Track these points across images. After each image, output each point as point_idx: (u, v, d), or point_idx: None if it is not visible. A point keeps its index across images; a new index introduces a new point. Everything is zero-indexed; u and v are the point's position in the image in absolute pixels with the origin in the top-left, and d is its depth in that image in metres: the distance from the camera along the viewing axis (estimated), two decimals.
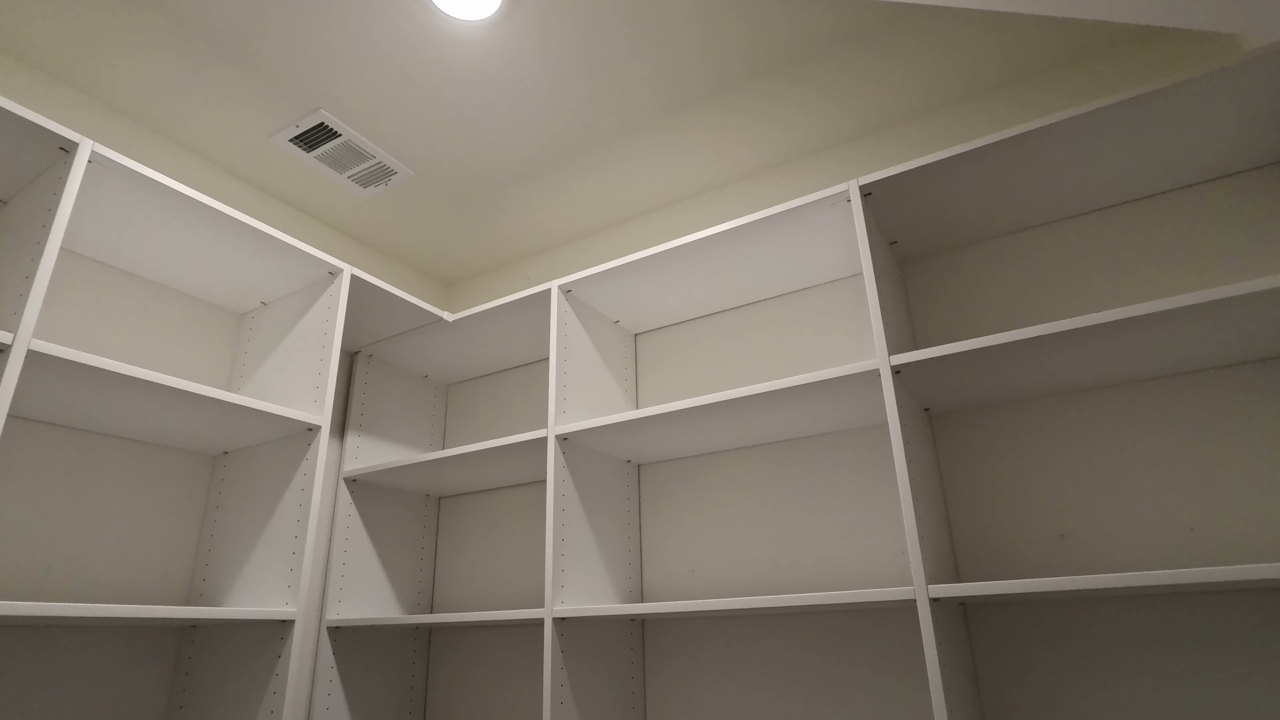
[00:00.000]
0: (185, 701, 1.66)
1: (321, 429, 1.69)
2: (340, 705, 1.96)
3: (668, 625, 1.87)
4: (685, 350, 2.12)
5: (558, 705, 1.56)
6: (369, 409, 2.28)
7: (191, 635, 1.72)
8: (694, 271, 1.87)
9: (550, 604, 1.62)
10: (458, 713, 2.11)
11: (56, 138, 1.35)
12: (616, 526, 1.91)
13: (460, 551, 2.30)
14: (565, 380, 1.86)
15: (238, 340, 2.03)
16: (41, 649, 1.51)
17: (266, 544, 1.67)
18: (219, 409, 1.55)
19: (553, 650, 1.59)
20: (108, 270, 1.79)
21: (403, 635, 2.18)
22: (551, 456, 1.75)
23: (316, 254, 1.79)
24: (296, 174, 2.17)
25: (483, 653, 2.13)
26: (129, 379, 1.38)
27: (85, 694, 1.55)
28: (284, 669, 1.51)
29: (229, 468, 1.86)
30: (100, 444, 1.68)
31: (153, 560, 1.72)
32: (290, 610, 1.54)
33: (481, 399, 2.49)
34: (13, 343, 1.22)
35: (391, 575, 2.19)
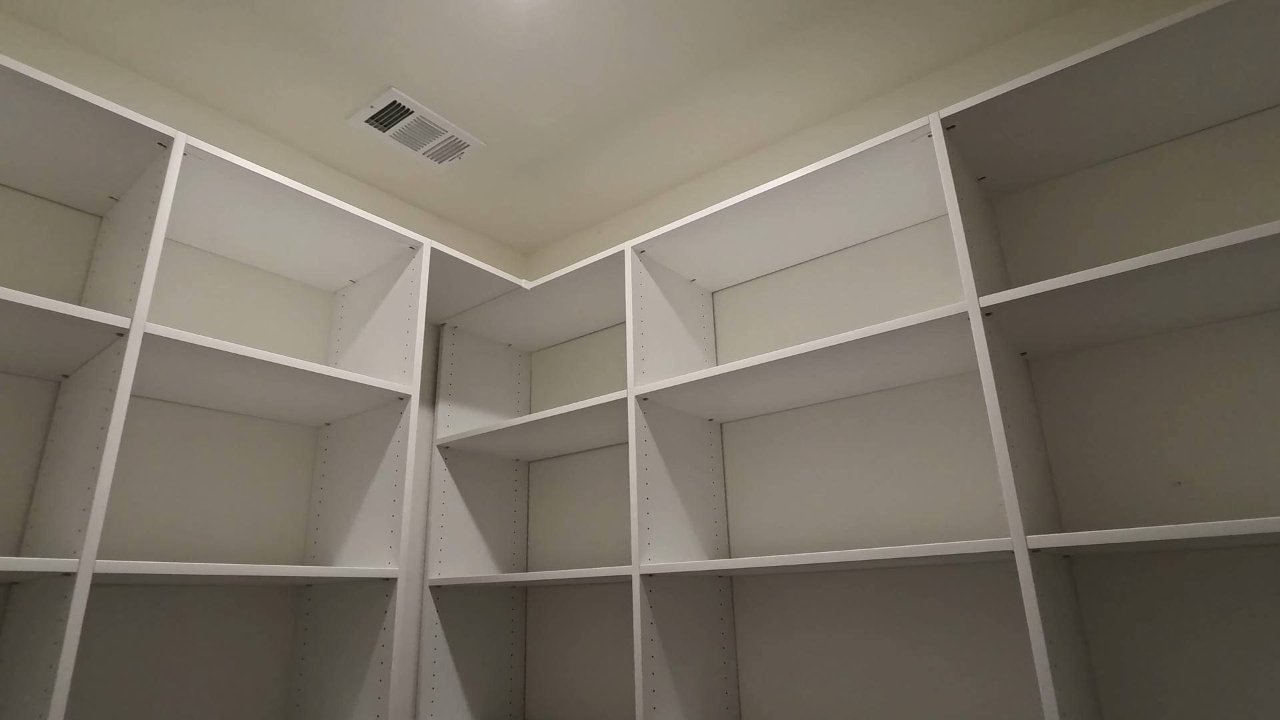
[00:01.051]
0: (305, 654, 1.80)
1: (412, 398, 1.76)
2: (445, 659, 2.07)
3: (756, 581, 1.87)
4: (764, 305, 2.08)
5: (648, 659, 1.60)
6: (457, 378, 2.36)
7: (307, 594, 1.85)
8: (769, 223, 1.82)
9: (637, 561, 1.65)
10: (556, 667, 2.19)
11: (154, 133, 1.44)
12: (700, 484, 1.92)
13: (550, 513, 2.37)
14: (643, 341, 1.86)
15: (331, 317, 2.14)
16: (177, 606, 1.66)
17: (369, 508, 1.76)
18: (317, 382, 1.64)
19: (641, 606, 1.62)
20: (209, 257, 1.91)
21: (500, 593, 2.27)
22: (632, 417, 1.76)
23: (397, 229, 1.85)
24: (375, 154, 2.24)
25: (577, 609, 2.20)
26: (238, 357, 1.47)
27: (218, 647, 1.70)
28: (390, 624, 1.60)
29: (331, 437, 1.97)
30: (215, 419, 1.81)
31: (268, 524, 1.86)
32: (393, 569, 1.63)
33: (564, 364, 2.53)
34: (130, 327, 1.33)
35: (487, 536, 2.28)
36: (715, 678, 1.77)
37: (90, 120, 1.40)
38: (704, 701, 1.72)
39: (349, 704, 1.64)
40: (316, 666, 1.76)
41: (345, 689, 1.66)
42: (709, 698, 1.73)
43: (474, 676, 2.13)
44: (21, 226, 1.61)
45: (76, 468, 1.33)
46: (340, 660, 1.70)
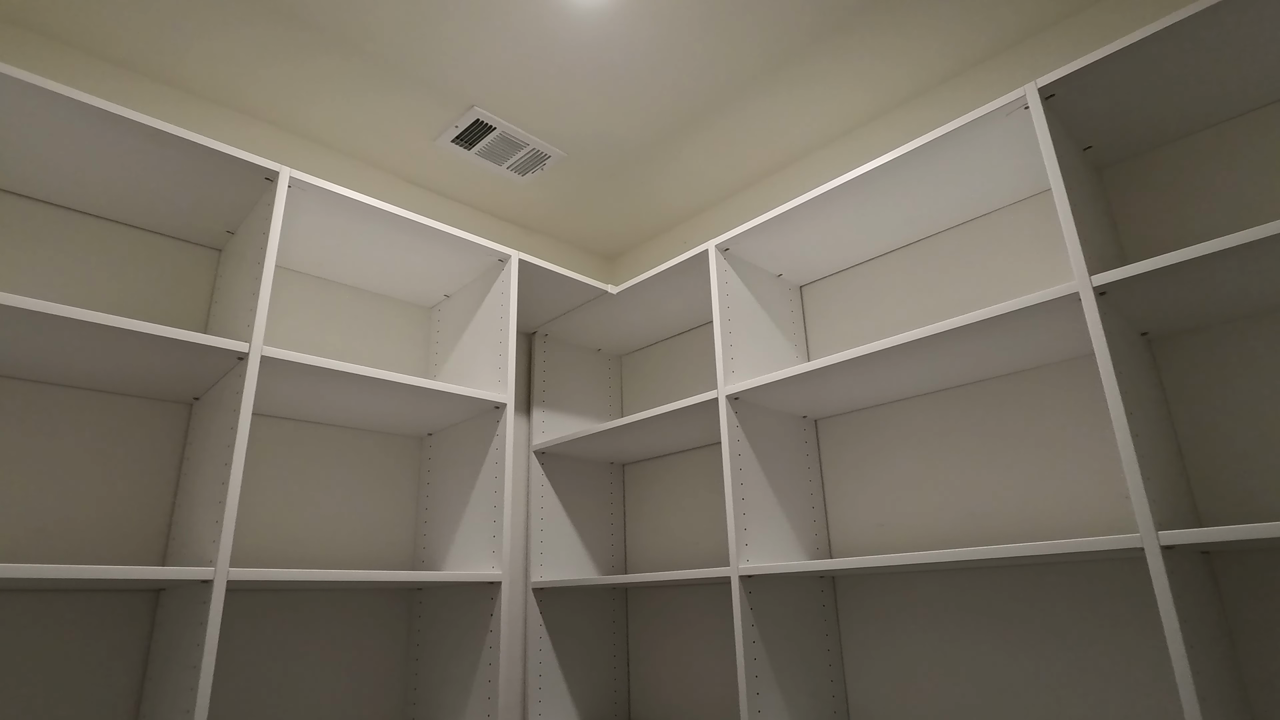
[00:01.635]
0: (419, 654, 1.88)
1: (507, 406, 1.81)
2: (551, 660, 2.12)
3: (861, 582, 1.82)
4: (855, 297, 2.01)
5: (751, 660, 1.58)
6: (550, 385, 2.41)
7: (419, 597, 1.94)
8: (857, 212, 1.77)
9: (735, 563, 1.63)
10: (659, 667, 2.20)
11: (261, 169, 1.54)
12: (797, 483, 1.88)
13: (647, 514, 2.38)
14: (731, 340, 1.84)
15: (429, 331, 2.23)
16: (303, 610, 1.77)
17: (471, 513, 1.83)
18: (418, 394, 1.71)
19: (742, 608, 1.60)
20: (316, 281, 2.03)
21: (601, 595, 2.31)
22: (724, 417, 1.74)
23: (486, 244, 1.90)
24: (462, 171, 2.32)
25: (677, 609, 2.20)
26: (346, 374, 1.56)
27: (340, 648, 1.80)
28: (496, 626, 1.65)
29: (434, 447, 2.05)
30: (328, 434, 1.92)
31: (381, 531, 1.95)
32: (496, 573, 1.68)
33: (654, 366, 2.54)
34: (249, 351, 1.42)
35: (585, 539, 2.32)
36: (821, 681, 1.73)
37: (204, 161, 1.51)
38: (810, 705, 1.68)
39: (461, 703, 1.70)
40: (430, 667, 1.84)
41: (457, 689, 1.72)
42: (815, 701, 1.70)
43: (579, 677, 2.17)
44: (152, 263, 1.76)
45: (209, 483, 1.44)
46: (452, 661, 1.76)
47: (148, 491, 1.62)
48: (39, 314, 1.21)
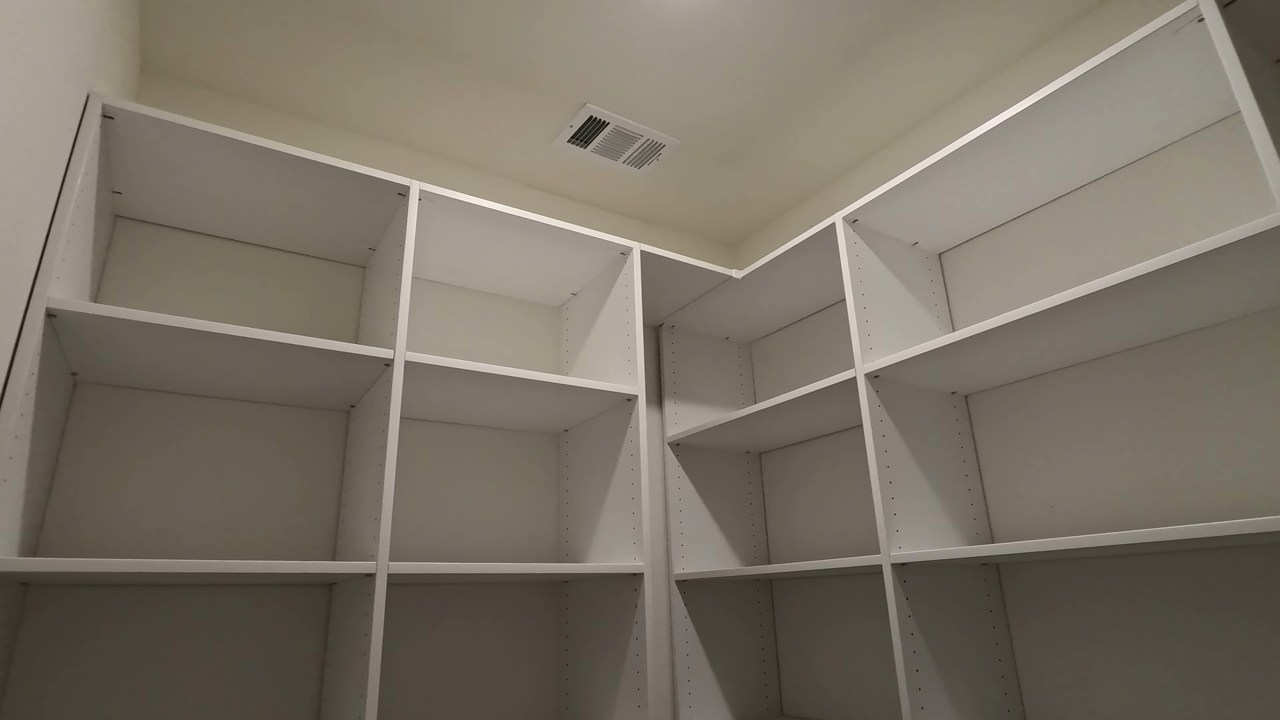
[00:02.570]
0: (569, 645, 1.92)
1: (638, 398, 1.81)
2: (698, 652, 2.10)
3: (1029, 568, 1.66)
4: (1002, 260, 1.85)
5: (910, 653, 1.48)
6: (680, 376, 2.40)
7: (565, 589, 1.98)
8: (1000, 166, 1.62)
9: (886, 550, 1.54)
10: (810, 660, 2.13)
11: (393, 185, 1.63)
12: (949, 464, 1.75)
13: (788, 503, 2.31)
14: (866, 316, 1.74)
15: (559, 329, 2.27)
16: (459, 604, 1.85)
17: (611, 507, 1.84)
18: (550, 391, 1.74)
19: (896, 597, 1.51)
20: (451, 289, 2.12)
21: (745, 586, 2.26)
22: (864, 396, 1.65)
23: (608, 238, 1.91)
24: (580, 170, 2.35)
25: (826, 601, 2.11)
26: (483, 375, 1.61)
27: (494, 638, 1.87)
28: (641, 617, 1.65)
29: (571, 443, 2.09)
30: (471, 434, 2.01)
31: (525, 526, 2.02)
32: (638, 565, 1.68)
33: (785, 351, 2.46)
34: (394, 357, 1.50)
35: (726, 530, 2.28)
36: (989, 676, 1.60)
37: (343, 182, 1.61)
38: (980, 701, 1.55)
39: (611, 694, 1.72)
40: (579, 658, 1.87)
41: (607, 680, 1.74)
42: (985, 697, 1.57)
43: (727, 670, 2.14)
44: (307, 284, 1.90)
45: (367, 484, 1.53)
46: (600, 653, 1.78)
47: (317, 494, 1.75)
48: (220, 335, 1.33)
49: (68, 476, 1.51)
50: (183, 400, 1.66)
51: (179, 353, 1.42)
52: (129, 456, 1.58)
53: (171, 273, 1.74)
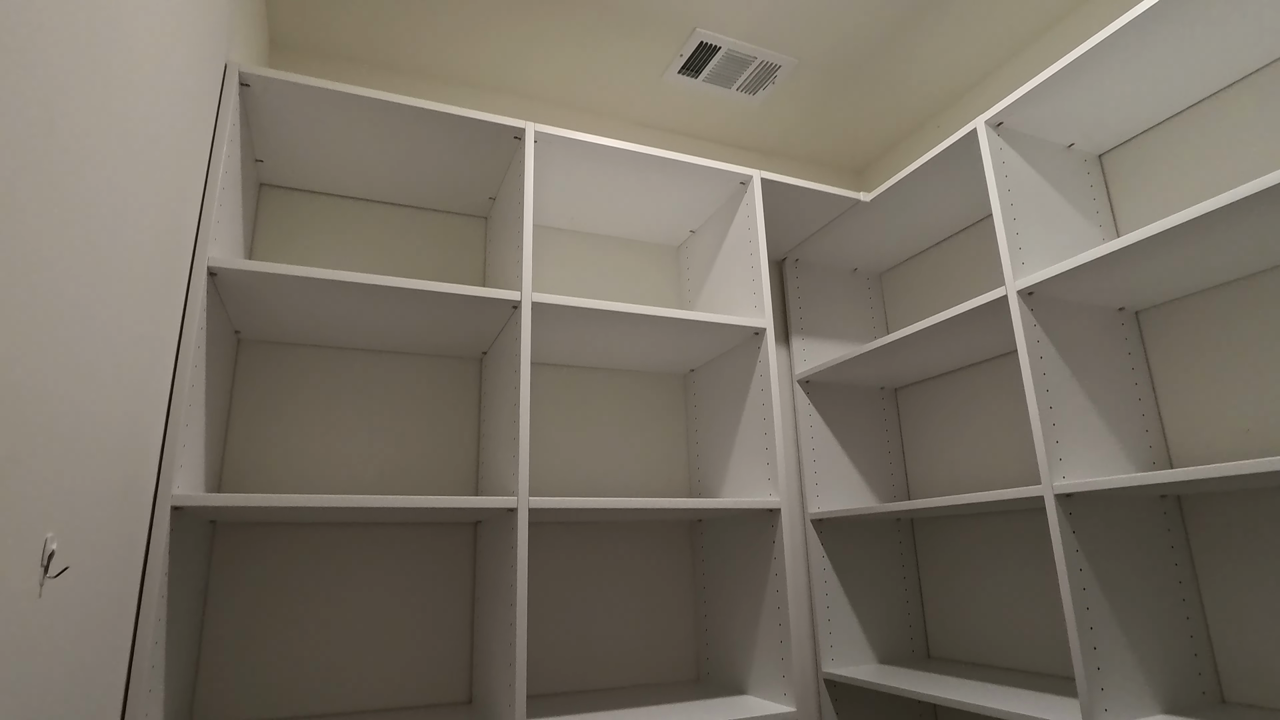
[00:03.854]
0: (707, 585, 1.92)
1: (766, 330, 1.75)
2: (837, 592, 2.05)
3: (1218, 502, 1.48)
4: (1175, 159, 1.62)
5: (1079, 591, 1.36)
6: (806, 312, 2.30)
7: (700, 529, 1.97)
8: (1166, 49, 1.40)
9: (1049, 480, 1.41)
10: (958, 602, 2.02)
11: (509, 128, 1.63)
12: (1118, 388, 1.58)
13: (927, 441, 2.18)
14: (1017, 228, 1.58)
15: (679, 270, 2.23)
16: (597, 543, 1.89)
17: (741, 446, 1.80)
18: (676, 328, 1.71)
19: (1062, 531, 1.38)
20: (570, 235, 2.12)
21: (884, 527, 2.17)
22: (1017, 316, 1.51)
23: (726, 167, 1.84)
24: (693, 103, 2.26)
25: (973, 540, 1.99)
26: (608, 313, 1.60)
27: (633, 576, 1.90)
28: (779, 554, 1.62)
29: (698, 382, 2.06)
30: (599, 377, 2.02)
31: (657, 467, 2.02)
32: (774, 500, 1.64)
33: (919, 279, 2.31)
34: (521, 299, 1.52)
35: (861, 469, 2.19)
36: (1172, 619, 1.45)
37: (462, 130, 1.62)
38: (1163, 647, 1.41)
39: (751, 635, 1.70)
40: (716, 598, 1.87)
41: (746, 621, 1.73)
42: (1170, 643, 1.43)
43: (869, 611, 2.08)
44: (434, 238, 1.96)
45: (504, 425, 1.57)
46: (738, 593, 1.77)
47: (458, 439, 1.83)
48: (363, 285, 1.39)
49: (239, 428, 1.65)
50: (334, 354, 1.76)
51: (327, 305, 1.49)
52: (290, 408, 1.70)
53: (312, 234, 1.83)
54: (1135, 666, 1.37)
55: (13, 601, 0.71)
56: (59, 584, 0.82)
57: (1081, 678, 1.31)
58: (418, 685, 1.66)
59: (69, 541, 0.84)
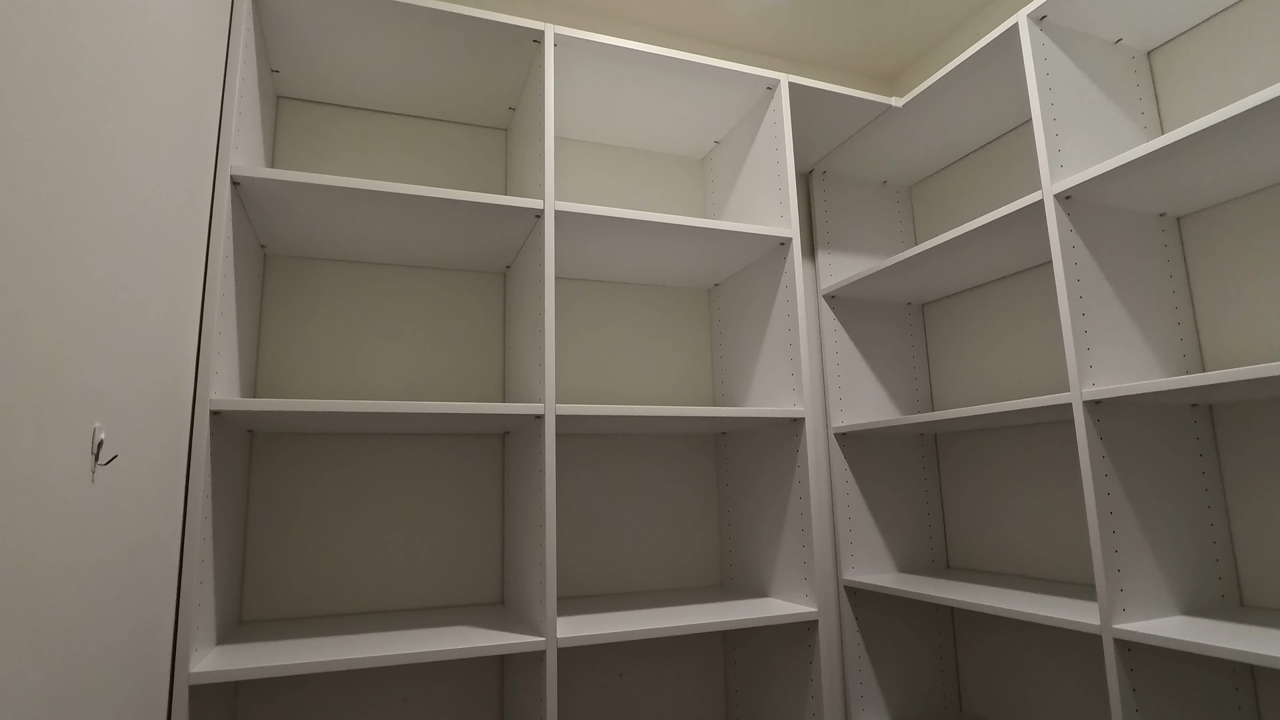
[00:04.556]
0: (730, 496, 1.95)
1: (793, 240, 1.72)
2: (859, 504, 2.08)
3: (1250, 412, 1.46)
4: (1228, 52, 1.53)
5: (1103, 497, 1.37)
6: (834, 226, 2.26)
7: (724, 442, 2.00)
8: None
9: (1078, 387, 1.40)
10: (977, 514, 2.05)
11: (528, 30, 1.57)
12: (1154, 295, 1.54)
13: (953, 358, 2.17)
14: (1057, 129, 1.52)
15: (704, 182, 2.19)
16: (620, 454, 1.92)
17: (766, 358, 1.80)
18: (701, 238, 1.69)
19: (1089, 438, 1.38)
20: (592, 147, 2.08)
21: (908, 442, 2.18)
22: (1054, 221, 1.46)
23: (752, 70, 1.77)
24: (716, 6, 2.17)
25: (995, 456, 2.00)
26: (632, 221, 1.58)
27: (659, 489, 1.94)
28: (803, 462, 1.64)
29: (722, 296, 2.04)
30: (623, 291, 2.02)
31: (681, 381, 2.03)
32: (799, 409, 1.64)
33: (951, 191, 2.24)
34: (544, 208, 1.50)
35: (887, 385, 2.19)
36: (1196, 525, 1.45)
37: (479, 34, 1.57)
38: (1185, 552, 1.42)
39: (773, 545, 1.74)
40: (740, 509, 1.90)
41: (769, 531, 1.76)
42: (1191, 548, 1.43)
43: (890, 524, 2.11)
44: (454, 150, 1.93)
45: (530, 335, 1.58)
46: (761, 504, 1.80)
47: (485, 352, 1.85)
48: (385, 194, 1.38)
49: (270, 341, 1.67)
50: (360, 269, 1.77)
51: (350, 215, 1.49)
52: (319, 323, 1.72)
53: (332, 148, 1.81)
54: (1156, 570, 1.39)
55: (69, 485, 0.74)
56: (110, 474, 0.85)
57: (1101, 579, 1.33)
58: (452, 587, 1.73)
59: (116, 435, 0.86)
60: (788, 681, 1.67)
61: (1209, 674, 1.39)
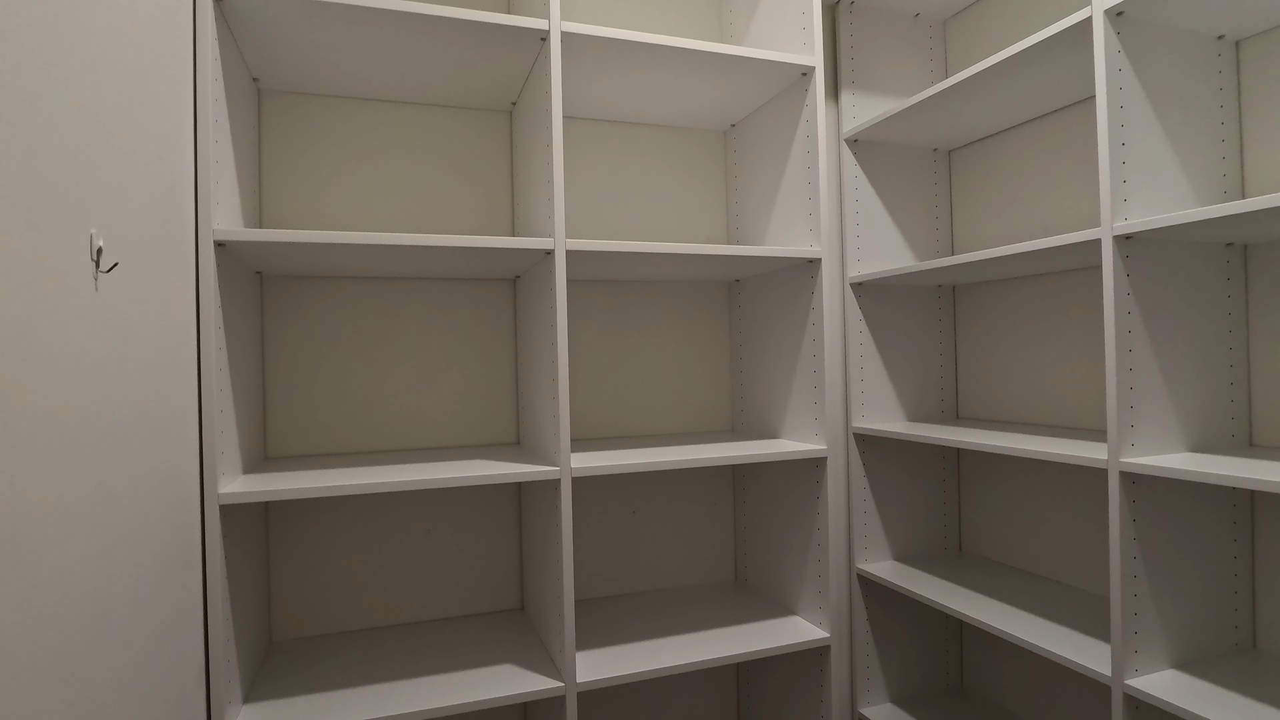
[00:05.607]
0: (741, 343, 1.95)
1: (815, 70, 1.61)
2: (872, 354, 2.07)
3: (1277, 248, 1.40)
4: None
5: (1124, 334, 1.34)
6: (859, 64, 2.11)
7: (738, 289, 1.97)
8: None
9: (1109, 221, 1.34)
10: (991, 366, 2.04)
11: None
12: (1202, 128, 1.44)
13: (979, 205, 2.08)
14: None
15: (720, 9, 2.03)
16: (632, 301, 1.91)
17: (784, 200, 1.74)
18: (720, 65, 1.57)
19: (1115, 275, 1.33)
20: None
21: (924, 294, 2.14)
22: (1100, 41, 1.35)
23: None
24: None
25: (1013, 303, 1.96)
26: (642, 45, 1.47)
27: (670, 337, 1.94)
28: (818, 304, 1.61)
29: (738, 137, 1.95)
30: (633, 133, 1.93)
31: (694, 222, 1.98)
32: (815, 249, 1.60)
33: (989, 24, 2.07)
34: (550, 27, 1.40)
35: (907, 235, 2.12)
36: (1215, 367, 1.44)
37: None
38: (1201, 393, 1.41)
39: (785, 390, 1.75)
40: (752, 356, 1.90)
41: (781, 377, 1.77)
42: (1207, 390, 1.42)
43: (902, 375, 2.11)
44: None
45: (538, 171, 1.52)
46: (773, 350, 1.80)
47: (493, 190, 1.79)
48: (377, 10, 1.29)
49: (271, 181, 1.62)
50: (360, 105, 1.69)
51: (344, 35, 1.39)
52: (319, 161, 1.66)
53: None
54: (1169, 409, 1.38)
55: (73, 292, 0.73)
56: (114, 285, 0.84)
57: (1113, 415, 1.33)
58: (469, 429, 1.77)
59: (116, 249, 0.84)
60: (794, 518, 1.73)
61: (1210, 506, 1.42)
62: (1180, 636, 1.38)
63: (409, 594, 1.71)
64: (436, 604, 1.73)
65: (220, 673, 1.18)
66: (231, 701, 1.23)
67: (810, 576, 1.67)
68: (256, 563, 1.48)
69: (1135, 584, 1.33)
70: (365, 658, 1.50)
